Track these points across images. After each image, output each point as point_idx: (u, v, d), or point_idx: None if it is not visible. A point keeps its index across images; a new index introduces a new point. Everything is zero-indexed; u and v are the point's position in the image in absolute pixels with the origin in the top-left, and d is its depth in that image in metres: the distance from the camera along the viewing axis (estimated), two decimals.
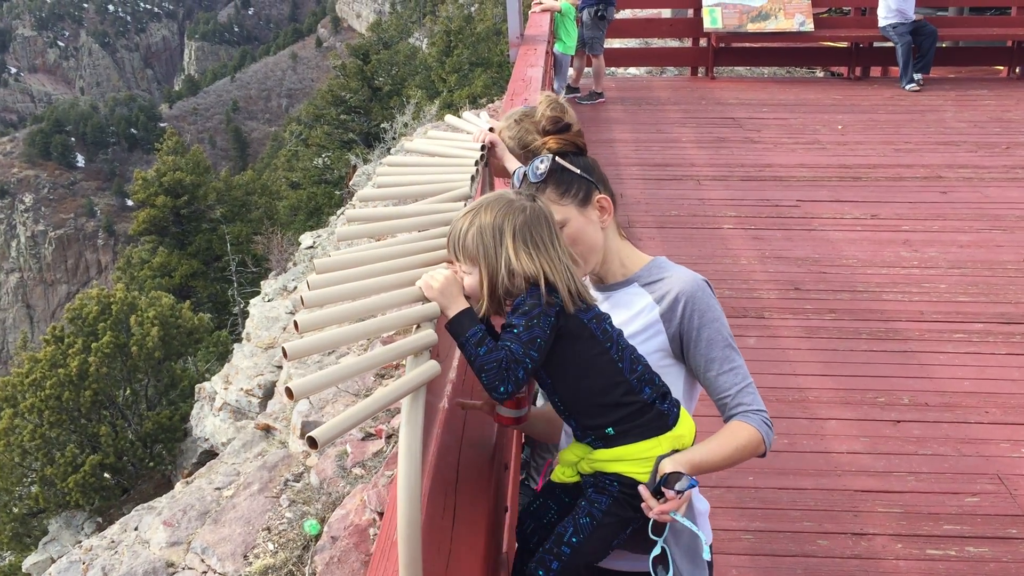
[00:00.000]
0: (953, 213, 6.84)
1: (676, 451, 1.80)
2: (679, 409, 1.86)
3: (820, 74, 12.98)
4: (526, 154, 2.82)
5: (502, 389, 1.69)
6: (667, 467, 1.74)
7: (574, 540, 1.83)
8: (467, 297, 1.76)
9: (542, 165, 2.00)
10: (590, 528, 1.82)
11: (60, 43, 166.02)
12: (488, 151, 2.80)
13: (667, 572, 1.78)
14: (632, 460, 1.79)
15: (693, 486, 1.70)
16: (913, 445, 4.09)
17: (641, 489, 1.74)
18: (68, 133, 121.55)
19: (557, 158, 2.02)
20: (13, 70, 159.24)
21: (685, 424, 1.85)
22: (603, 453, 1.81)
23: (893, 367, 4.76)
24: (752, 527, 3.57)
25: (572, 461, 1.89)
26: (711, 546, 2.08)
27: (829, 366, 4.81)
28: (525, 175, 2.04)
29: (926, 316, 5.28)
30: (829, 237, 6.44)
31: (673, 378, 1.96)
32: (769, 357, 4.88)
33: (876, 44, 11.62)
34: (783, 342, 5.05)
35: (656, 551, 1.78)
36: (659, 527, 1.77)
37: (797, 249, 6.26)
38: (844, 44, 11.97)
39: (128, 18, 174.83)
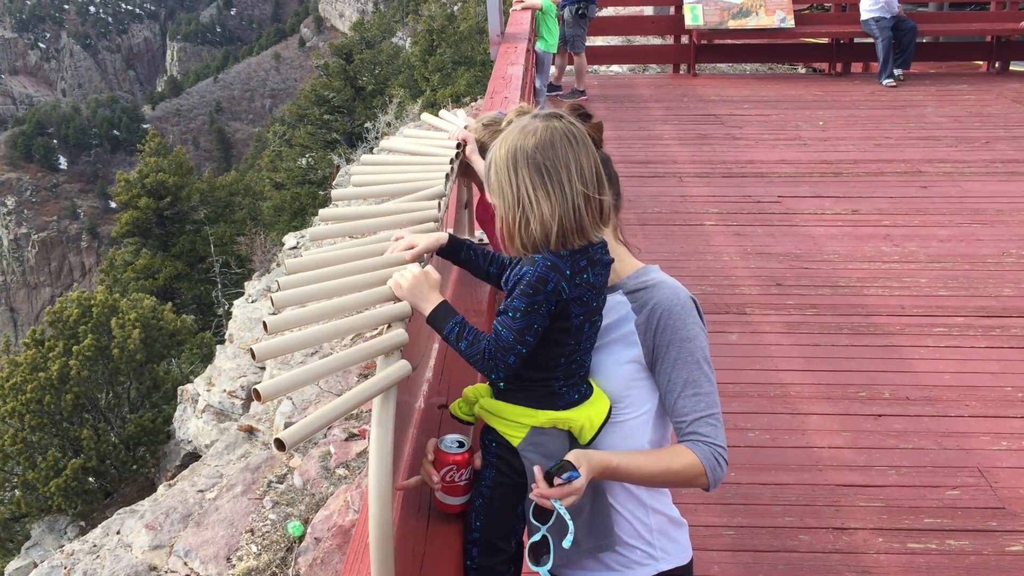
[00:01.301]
0: (933, 207, 6.87)
1: (558, 429, 1.75)
2: (583, 397, 1.79)
3: (801, 70, 13.03)
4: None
5: (493, 377, 1.71)
6: (570, 456, 1.69)
7: (478, 523, 1.82)
8: (497, 237, 1.71)
9: None
10: (486, 508, 1.81)
11: (41, 45, 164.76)
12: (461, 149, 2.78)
13: (545, 562, 1.72)
14: (507, 420, 1.76)
15: (572, 479, 1.64)
16: (894, 439, 4.10)
17: (536, 469, 1.69)
18: (50, 135, 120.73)
19: None
20: None
21: (584, 412, 1.77)
22: (489, 402, 1.80)
23: (874, 361, 4.78)
24: (734, 523, 3.57)
25: (471, 399, 1.87)
26: (688, 564, 1.99)
27: (810, 361, 4.82)
28: None
29: (907, 310, 5.31)
30: (810, 233, 6.45)
31: (648, 393, 1.88)
32: (751, 353, 4.89)
33: (857, 40, 11.67)
34: (765, 338, 5.06)
35: (536, 537, 1.73)
36: (543, 513, 1.71)
37: (778, 245, 6.27)
38: (825, 40, 12.02)
39: (109, 19, 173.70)
